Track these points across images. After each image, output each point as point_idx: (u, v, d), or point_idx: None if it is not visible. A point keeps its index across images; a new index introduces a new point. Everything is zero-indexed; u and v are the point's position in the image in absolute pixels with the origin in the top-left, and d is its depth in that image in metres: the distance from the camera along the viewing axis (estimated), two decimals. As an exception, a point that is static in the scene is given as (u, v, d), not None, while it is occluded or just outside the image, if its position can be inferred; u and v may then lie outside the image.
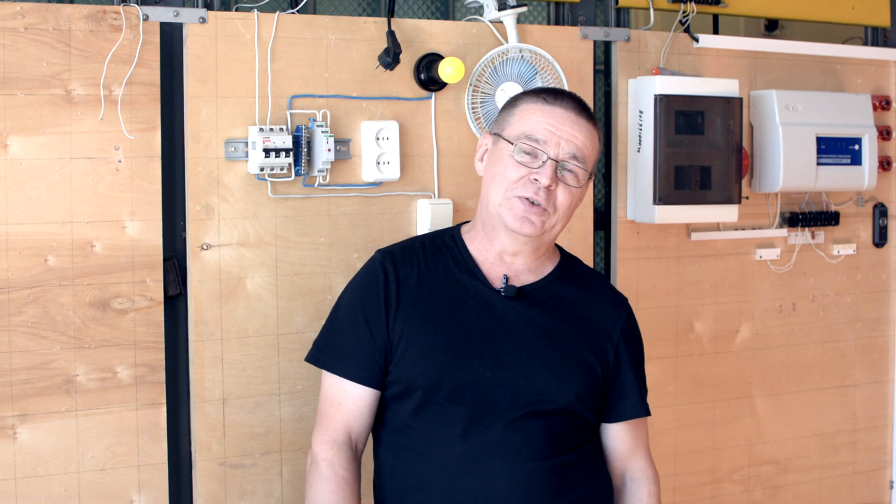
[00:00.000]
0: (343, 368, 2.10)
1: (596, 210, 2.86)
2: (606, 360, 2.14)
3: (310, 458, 2.11)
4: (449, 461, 2.02)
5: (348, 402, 2.10)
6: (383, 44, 2.50)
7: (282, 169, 2.43)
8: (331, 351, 2.13)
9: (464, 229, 2.19)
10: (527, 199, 2.03)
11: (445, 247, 2.15)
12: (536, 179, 2.03)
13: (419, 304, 2.08)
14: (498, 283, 2.11)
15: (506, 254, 2.12)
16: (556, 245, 2.24)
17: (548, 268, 2.17)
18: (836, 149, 3.05)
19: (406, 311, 2.08)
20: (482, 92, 2.62)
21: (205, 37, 2.40)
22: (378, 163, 2.53)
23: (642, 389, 2.22)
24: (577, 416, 2.10)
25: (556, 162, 2.04)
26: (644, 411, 2.20)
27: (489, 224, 2.11)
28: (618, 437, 2.19)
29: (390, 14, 2.54)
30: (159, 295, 2.39)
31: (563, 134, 2.05)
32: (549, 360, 2.07)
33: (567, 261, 2.22)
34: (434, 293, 2.09)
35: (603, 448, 2.20)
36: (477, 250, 2.14)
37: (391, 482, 2.09)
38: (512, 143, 2.06)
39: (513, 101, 2.13)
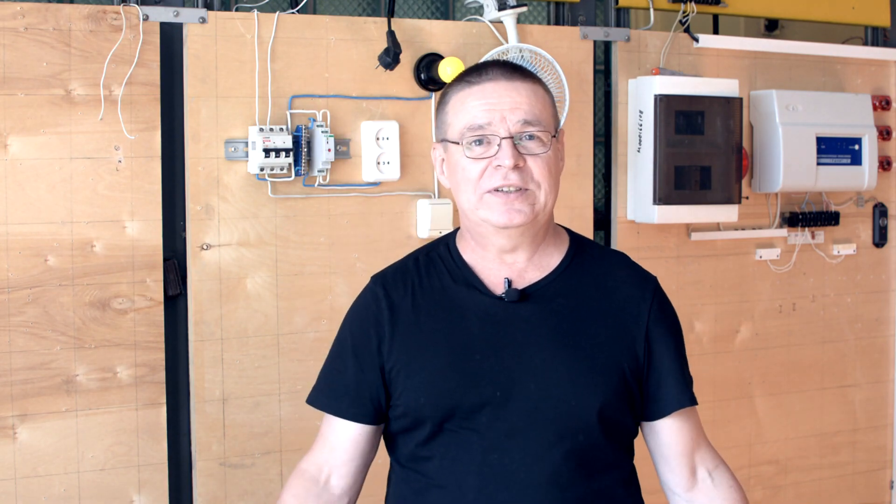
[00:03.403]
0: (331, 405, 1.95)
1: (596, 210, 2.86)
2: (635, 353, 1.89)
3: None
4: (466, 492, 1.83)
5: (333, 436, 1.96)
6: (383, 44, 2.50)
7: (282, 169, 2.43)
8: (324, 388, 1.98)
9: (458, 236, 1.97)
10: (499, 189, 1.82)
11: (440, 259, 1.95)
12: (499, 165, 1.81)
13: (416, 329, 1.89)
14: (499, 290, 1.89)
15: (504, 254, 1.90)
16: (565, 229, 2.01)
17: (555, 259, 1.93)
18: (836, 149, 3.05)
19: (403, 339, 1.89)
20: (482, 92, 2.61)
21: (205, 37, 2.40)
22: (378, 163, 2.53)
23: (686, 376, 1.96)
24: (608, 426, 1.86)
25: (511, 138, 1.81)
26: (690, 400, 1.94)
27: (476, 232, 1.90)
28: (670, 431, 1.93)
29: (390, 14, 2.54)
30: (159, 295, 2.39)
31: (504, 105, 1.83)
32: (566, 368, 1.84)
33: (578, 246, 1.97)
34: (431, 314, 1.89)
35: (654, 452, 1.95)
36: (473, 258, 1.93)
37: None
38: (458, 143, 1.85)
39: (442, 99, 1.91)
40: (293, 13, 2.50)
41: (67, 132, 2.29)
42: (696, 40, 2.93)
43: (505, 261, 1.91)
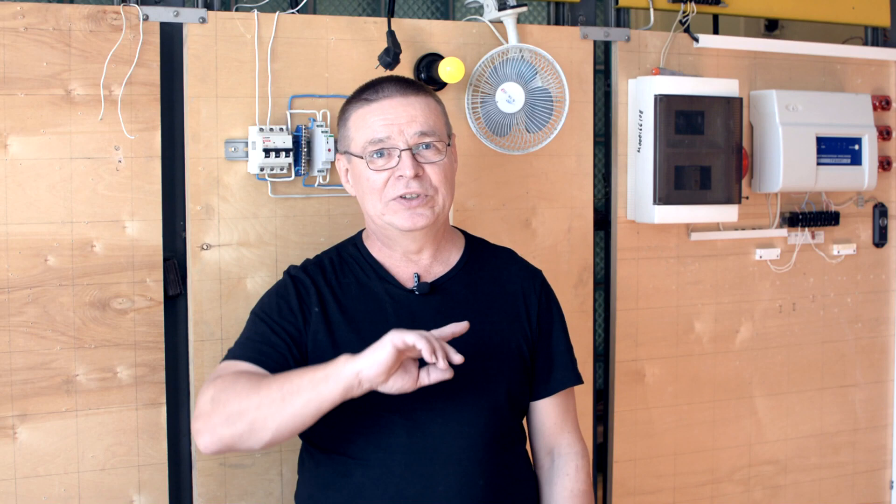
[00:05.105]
0: (251, 356, 2.00)
1: (596, 210, 2.86)
2: (530, 339, 2.13)
3: (206, 391, 1.94)
4: (392, 468, 2.00)
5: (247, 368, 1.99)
6: (383, 44, 2.50)
7: (282, 169, 2.43)
8: (244, 348, 2.03)
9: (364, 237, 2.18)
10: (402, 197, 2.02)
11: (352, 258, 2.15)
12: (401, 175, 2.02)
13: (338, 319, 2.06)
14: (409, 284, 2.10)
15: (410, 253, 2.11)
16: (460, 230, 2.24)
17: (455, 255, 2.16)
18: (836, 149, 3.05)
19: (326, 323, 2.05)
20: (482, 92, 2.62)
21: (205, 37, 2.40)
22: (378, 163, 2.53)
23: (570, 357, 2.19)
24: (514, 404, 2.09)
25: (410, 149, 2.02)
26: (573, 380, 2.18)
27: (383, 235, 2.11)
28: (546, 412, 2.16)
29: (390, 14, 2.54)
30: (159, 295, 2.39)
31: (401, 120, 2.03)
32: (475, 353, 2.02)
33: (472, 244, 2.21)
34: (351, 305, 2.08)
35: (529, 425, 2.18)
36: (382, 256, 2.13)
37: (325, 495, 2.05)
38: (361, 157, 2.05)
39: (342, 114, 2.12)
40: (293, 13, 2.50)
41: (67, 132, 2.29)
42: (696, 40, 2.93)
43: (411, 259, 2.13)
